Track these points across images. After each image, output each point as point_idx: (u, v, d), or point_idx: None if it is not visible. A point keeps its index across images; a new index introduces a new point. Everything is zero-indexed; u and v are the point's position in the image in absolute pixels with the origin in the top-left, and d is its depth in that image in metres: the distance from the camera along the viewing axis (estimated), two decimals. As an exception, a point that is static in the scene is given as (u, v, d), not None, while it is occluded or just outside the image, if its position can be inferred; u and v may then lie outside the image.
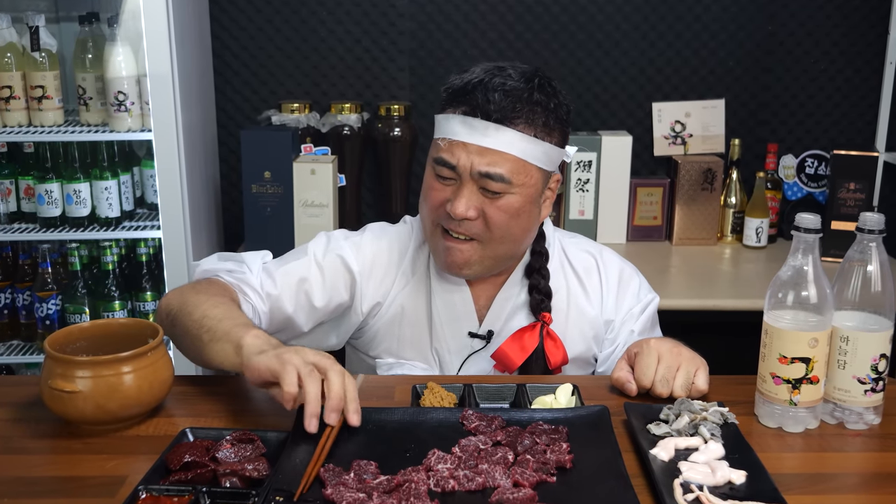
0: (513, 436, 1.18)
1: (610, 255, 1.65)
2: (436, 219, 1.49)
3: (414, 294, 1.58)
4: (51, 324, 2.53)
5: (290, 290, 1.53)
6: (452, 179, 1.45)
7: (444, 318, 1.57)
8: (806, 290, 1.23)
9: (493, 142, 1.42)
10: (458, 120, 1.44)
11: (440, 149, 1.46)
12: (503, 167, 1.42)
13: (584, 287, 1.61)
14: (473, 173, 1.43)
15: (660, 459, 1.15)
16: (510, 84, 1.42)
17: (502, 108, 1.41)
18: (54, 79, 2.43)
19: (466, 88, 1.44)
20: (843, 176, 2.68)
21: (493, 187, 1.43)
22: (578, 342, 1.59)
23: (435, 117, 1.52)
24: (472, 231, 1.45)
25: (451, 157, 1.44)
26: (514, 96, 1.42)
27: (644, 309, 1.61)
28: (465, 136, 1.43)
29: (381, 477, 1.08)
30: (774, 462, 1.17)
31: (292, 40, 2.81)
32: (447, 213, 1.45)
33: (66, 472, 1.15)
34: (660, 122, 2.88)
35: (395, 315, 1.58)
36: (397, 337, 1.58)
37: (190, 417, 1.29)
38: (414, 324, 1.58)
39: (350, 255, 1.57)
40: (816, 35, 2.85)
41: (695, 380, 1.34)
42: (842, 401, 1.29)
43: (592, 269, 1.62)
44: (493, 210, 1.44)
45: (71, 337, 1.31)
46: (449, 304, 1.57)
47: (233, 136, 2.84)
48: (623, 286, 1.62)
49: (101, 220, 2.49)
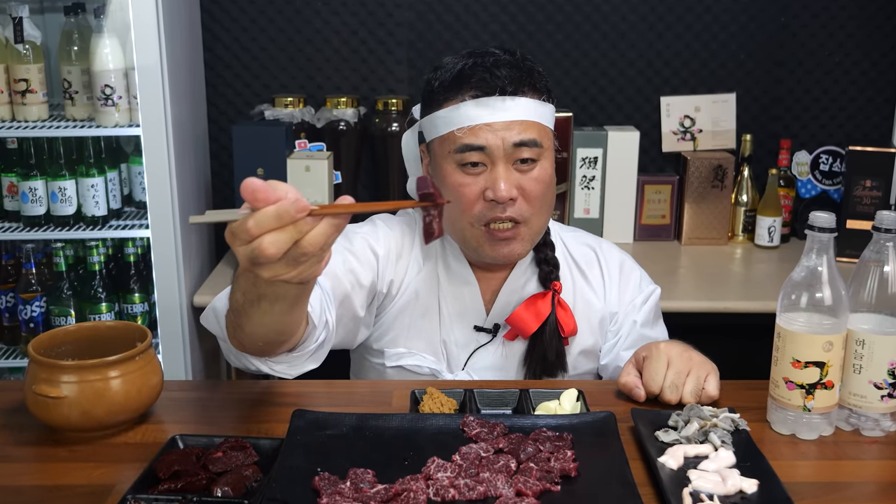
0: (515, 443, 1.18)
1: (609, 246, 1.71)
2: (475, 217, 1.50)
3: (427, 282, 1.61)
4: (35, 326, 2.52)
5: (339, 269, 1.54)
6: (482, 165, 1.48)
7: (453, 312, 1.61)
8: (820, 291, 1.23)
9: (514, 113, 1.47)
10: (471, 104, 1.47)
11: (460, 138, 1.48)
12: (532, 132, 1.48)
13: (588, 279, 1.66)
14: (507, 148, 1.47)
15: (668, 468, 1.15)
16: (503, 58, 1.50)
17: (512, 79, 1.47)
18: (38, 72, 2.43)
19: (465, 73, 1.48)
20: (859, 173, 2.68)
21: (528, 154, 1.48)
22: (587, 335, 1.63)
23: (428, 117, 1.54)
24: (517, 213, 1.49)
25: (477, 140, 1.47)
26: (515, 66, 1.49)
27: (646, 300, 1.65)
28: (486, 116, 1.47)
29: (378, 486, 1.08)
30: (787, 470, 1.17)
31: (286, 32, 2.81)
32: (487, 202, 1.48)
33: (51, 481, 1.15)
34: (668, 116, 2.88)
35: (408, 301, 1.61)
36: (407, 325, 1.61)
37: (180, 424, 1.29)
38: (425, 313, 1.61)
39: (372, 238, 1.60)
40: (831, 26, 2.85)
41: (705, 385, 1.35)
42: (857, 406, 1.29)
43: (593, 262, 1.67)
44: (531, 184, 1.49)
45: (56, 340, 1.31)
46: (458, 297, 1.61)
47: (224, 132, 2.84)
48: (624, 277, 1.66)
49: (87, 219, 2.49)
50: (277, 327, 1.21)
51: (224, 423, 1.30)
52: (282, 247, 0.99)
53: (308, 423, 1.22)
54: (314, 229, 1.00)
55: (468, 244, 1.55)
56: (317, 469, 1.11)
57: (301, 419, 1.23)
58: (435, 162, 1.55)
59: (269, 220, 0.98)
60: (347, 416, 1.25)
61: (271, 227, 0.98)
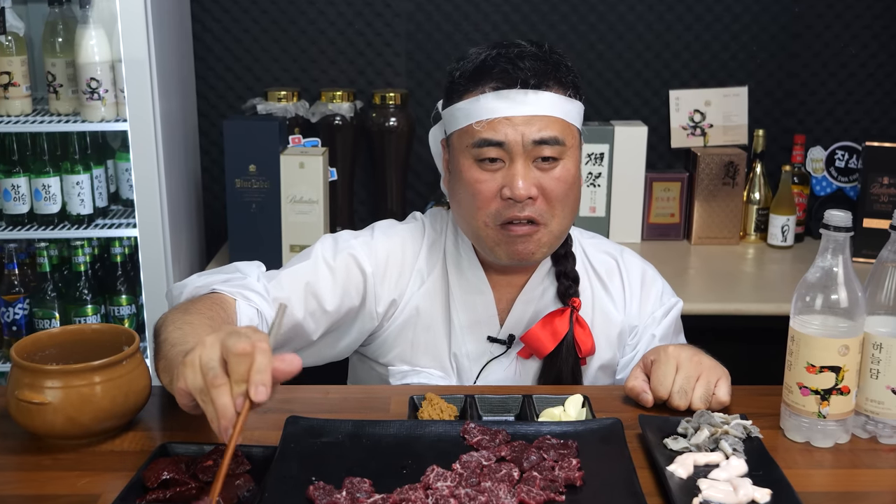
0: (518, 451, 1.18)
1: (630, 256, 1.68)
2: (490, 216, 1.48)
3: (430, 296, 1.58)
4: (18, 330, 2.53)
5: (299, 293, 1.52)
6: (500, 162, 1.46)
7: (465, 322, 1.58)
8: (836, 293, 1.23)
9: (536, 108, 1.45)
10: (491, 97, 1.45)
11: (478, 132, 1.46)
12: (555, 129, 1.46)
13: (608, 290, 1.63)
14: (526, 144, 1.44)
15: (677, 476, 1.15)
16: (529, 50, 1.48)
17: (536, 72, 1.45)
18: (21, 64, 2.43)
19: (487, 64, 1.47)
20: (876, 169, 2.69)
21: (549, 152, 1.45)
22: (605, 349, 1.61)
23: (448, 109, 1.52)
24: (536, 213, 1.47)
25: (496, 135, 1.45)
26: (541, 59, 1.47)
27: (667, 313, 1.63)
28: (506, 110, 1.45)
29: (375, 496, 1.08)
30: (802, 479, 1.17)
31: (279, 23, 2.82)
32: (504, 201, 1.46)
33: (35, 491, 1.15)
34: (677, 111, 2.88)
35: (409, 318, 1.58)
36: (411, 342, 1.59)
37: (168, 431, 1.29)
38: (429, 328, 1.58)
39: (362, 254, 1.56)
40: (846, 17, 2.86)
41: (715, 391, 1.35)
42: (875, 413, 1.29)
43: (614, 271, 1.65)
44: (552, 183, 1.47)
45: (39, 344, 1.31)
46: (470, 307, 1.58)
47: (215, 127, 2.84)
48: (646, 289, 1.64)
49: (72, 218, 2.49)
50: None
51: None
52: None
53: (302, 430, 1.22)
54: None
55: (482, 244, 1.53)
56: (311, 478, 1.11)
57: (295, 426, 1.23)
58: (453, 156, 1.53)
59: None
60: (343, 423, 1.25)
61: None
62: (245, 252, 2.44)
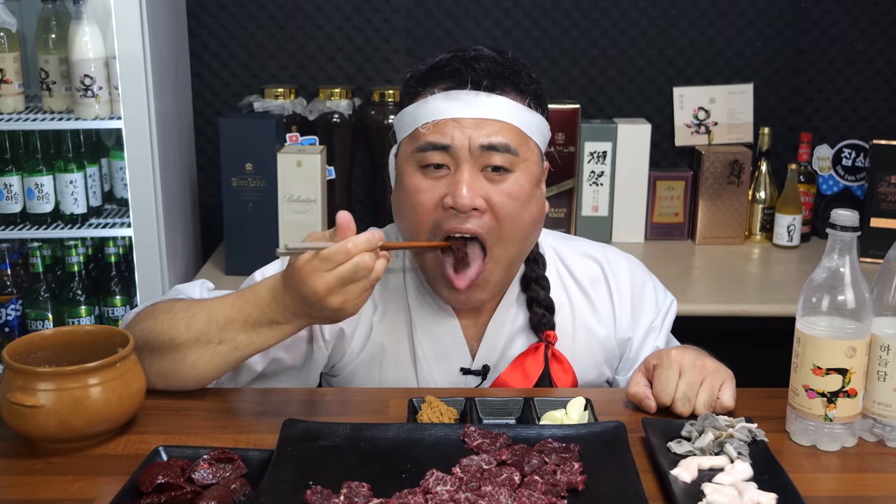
0: (519, 455, 1.18)
1: (616, 257, 1.59)
2: (430, 227, 1.38)
3: (392, 328, 1.50)
4: (10, 331, 2.53)
5: None
6: (445, 168, 1.37)
7: (430, 356, 1.49)
8: (842, 294, 1.23)
9: (489, 111, 1.36)
10: (440, 97, 1.37)
11: (423, 135, 1.37)
12: (507, 136, 1.36)
13: (591, 302, 1.55)
14: (473, 149, 1.35)
15: (681, 481, 1.15)
16: (488, 54, 1.41)
17: (491, 73, 1.38)
18: (14, 61, 2.43)
19: (441, 66, 1.41)
20: (884, 168, 2.68)
21: (499, 161, 1.35)
22: (589, 368, 1.54)
23: (398, 116, 1.44)
24: (481, 227, 1.36)
25: (442, 138, 1.35)
26: (499, 63, 1.40)
27: (664, 317, 1.59)
28: (455, 111, 1.36)
29: (373, 500, 1.08)
30: (808, 484, 1.17)
31: (276, 18, 2.81)
32: (446, 211, 1.36)
33: (27, 496, 1.15)
34: (681, 108, 2.88)
35: (374, 354, 1.50)
36: (378, 379, 1.51)
37: (163, 434, 1.29)
38: (397, 364, 1.50)
39: None
40: (853, 12, 2.85)
41: (720, 395, 1.34)
42: (882, 416, 1.29)
43: (599, 280, 1.56)
44: (501, 197, 1.36)
45: (32, 346, 1.31)
46: (434, 337, 1.49)
47: (211, 125, 2.84)
48: (637, 297, 1.56)
49: (65, 217, 2.49)
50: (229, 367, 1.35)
51: (210, 433, 1.30)
52: (371, 265, 1.22)
53: (299, 433, 1.22)
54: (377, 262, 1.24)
55: (427, 274, 1.44)
56: (309, 482, 1.11)
57: (292, 429, 1.23)
58: (398, 167, 1.43)
59: (363, 241, 1.22)
60: (341, 427, 1.24)
61: (365, 248, 1.22)
62: (241, 252, 2.45)
